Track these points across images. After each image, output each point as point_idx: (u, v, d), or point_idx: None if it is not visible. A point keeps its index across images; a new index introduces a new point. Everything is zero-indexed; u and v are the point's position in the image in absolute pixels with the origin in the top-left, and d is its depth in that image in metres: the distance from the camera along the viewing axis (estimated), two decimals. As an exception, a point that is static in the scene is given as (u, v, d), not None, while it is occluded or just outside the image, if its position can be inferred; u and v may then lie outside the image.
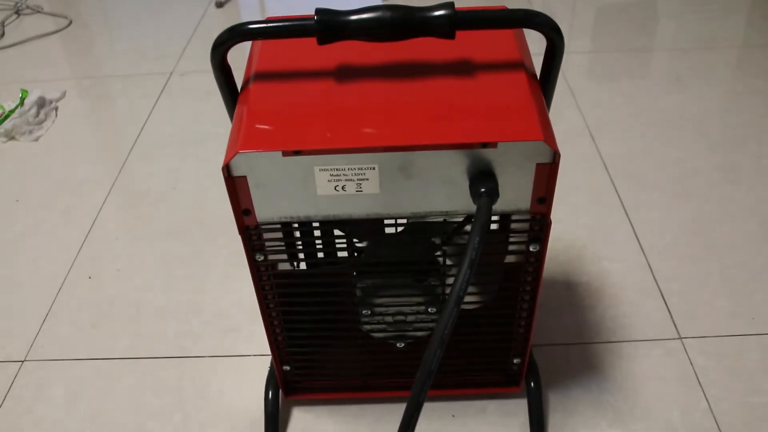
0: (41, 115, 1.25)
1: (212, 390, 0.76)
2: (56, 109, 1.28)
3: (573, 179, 1.02)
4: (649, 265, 0.87)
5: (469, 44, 0.58)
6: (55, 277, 0.91)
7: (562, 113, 1.17)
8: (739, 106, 1.17)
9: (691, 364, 0.75)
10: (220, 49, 0.54)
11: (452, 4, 0.52)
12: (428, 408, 0.72)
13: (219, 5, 1.63)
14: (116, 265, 0.93)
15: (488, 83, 0.54)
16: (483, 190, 0.51)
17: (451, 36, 0.52)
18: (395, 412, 0.72)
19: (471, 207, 0.54)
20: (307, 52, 0.59)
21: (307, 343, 0.67)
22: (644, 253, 0.89)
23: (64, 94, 1.32)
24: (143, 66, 1.40)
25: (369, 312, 0.63)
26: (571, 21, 1.48)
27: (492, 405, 0.72)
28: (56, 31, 1.57)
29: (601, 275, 0.86)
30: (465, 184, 0.52)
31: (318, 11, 0.52)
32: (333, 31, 0.52)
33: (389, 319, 0.64)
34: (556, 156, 0.51)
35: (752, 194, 0.98)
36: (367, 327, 0.65)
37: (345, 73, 0.56)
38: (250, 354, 0.79)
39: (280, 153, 0.50)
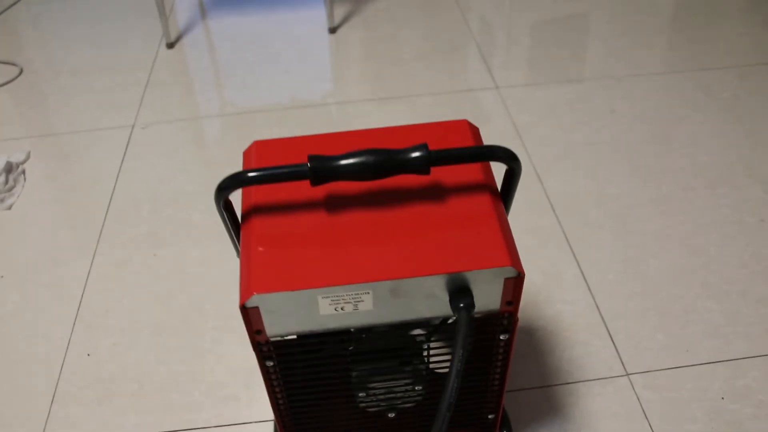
0: (10, 182, 1.28)
1: (221, 460, 0.84)
2: (24, 172, 1.32)
3: (525, 223, 1.12)
4: (596, 304, 0.99)
5: (440, 172, 0.67)
6: (54, 356, 0.97)
7: (509, 151, 1.27)
8: (667, 135, 1.29)
9: (638, 398, 0.87)
10: (224, 193, 0.62)
11: (425, 146, 0.60)
12: (416, 461, 0.82)
13: (170, 46, 1.66)
14: (111, 339, 0.99)
15: (460, 210, 0.63)
16: (462, 305, 0.60)
17: (426, 172, 0.61)
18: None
19: (449, 311, 0.63)
20: (298, 184, 0.67)
21: (312, 422, 0.76)
22: (591, 293, 1.01)
23: (28, 156, 1.36)
24: (103, 119, 1.44)
25: (365, 395, 0.72)
26: (508, 48, 1.58)
27: (471, 452, 0.82)
28: (6, 83, 1.59)
29: (555, 318, 0.97)
30: (445, 297, 0.62)
31: (310, 159, 0.60)
32: (324, 175, 0.60)
33: (381, 397, 0.74)
34: (520, 274, 0.60)
35: (683, 226, 1.11)
36: (363, 405, 0.74)
37: (334, 205, 0.64)
38: (251, 421, 0.88)
39: (289, 292, 0.58)
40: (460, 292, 0.61)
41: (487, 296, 0.62)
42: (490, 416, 0.79)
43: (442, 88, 1.45)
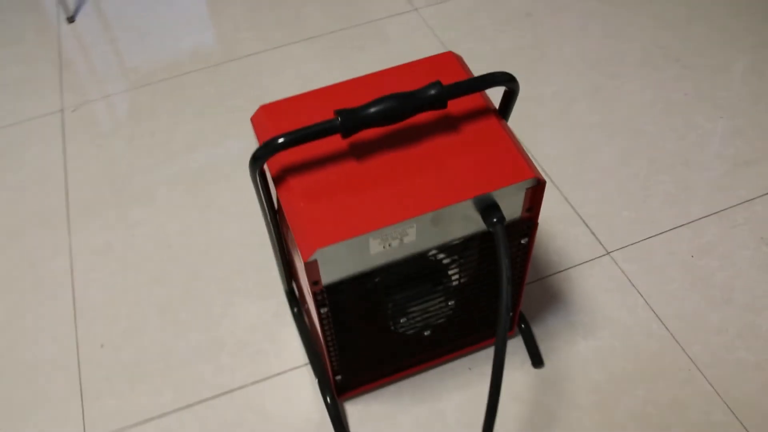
0: (-50, 192, 1.22)
1: (270, 412, 0.89)
2: (-40, 180, 1.25)
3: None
4: (564, 196, 1.08)
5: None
6: (68, 355, 0.97)
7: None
8: (583, 29, 1.38)
9: (622, 272, 0.98)
10: (259, 162, 0.64)
11: (439, 83, 0.65)
12: (449, 368, 0.90)
13: (70, 20, 1.58)
14: (120, 325, 1.00)
15: (475, 135, 0.68)
16: (495, 219, 0.67)
17: (444, 107, 0.66)
18: (423, 380, 0.89)
19: (481, 226, 0.69)
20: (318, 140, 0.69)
21: (356, 356, 0.81)
22: (557, 187, 1.10)
23: (-41, 162, 1.29)
24: (27, 108, 1.37)
25: (405, 319, 0.79)
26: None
27: (493, 350, 0.91)
28: None
29: (533, 217, 1.06)
30: (478, 216, 0.68)
31: (338, 113, 0.63)
32: (354, 126, 0.64)
33: (419, 318, 0.80)
34: (540, 181, 0.67)
35: (620, 112, 1.21)
36: (402, 329, 0.81)
37: (360, 152, 0.68)
38: (285, 370, 0.92)
39: (347, 240, 0.62)
40: (490, 208, 0.67)
41: (511, 207, 0.69)
42: (510, 314, 0.87)
43: (363, 18, 1.47)
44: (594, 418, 0.85)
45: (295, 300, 0.97)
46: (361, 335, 0.79)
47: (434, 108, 0.66)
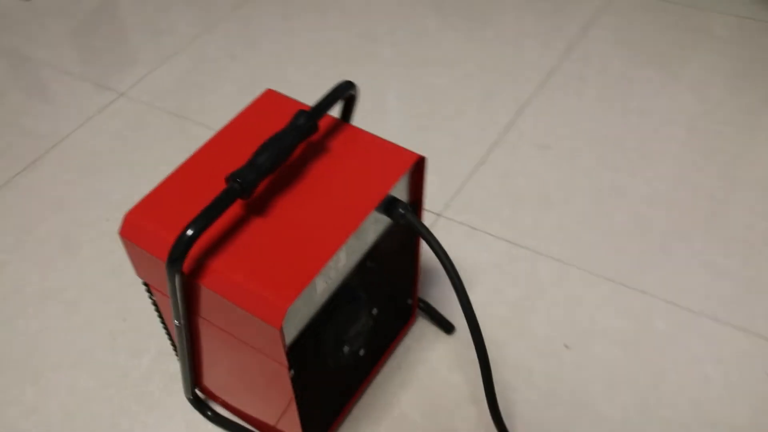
0: None
1: None
2: None
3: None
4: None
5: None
6: None
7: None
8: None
9: (461, 223, 1.08)
10: (178, 264, 0.60)
11: (303, 111, 0.66)
12: (383, 376, 0.91)
13: None
14: None
15: (346, 146, 0.71)
16: (402, 211, 0.70)
17: (316, 129, 0.67)
18: (370, 397, 0.89)
19: (390, 222, 0.72)
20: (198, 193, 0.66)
21: (316, 408, 0.79)
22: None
23: None
24: None
25: (347, 347, 0.79)
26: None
27: (410, 342, 0.95)
28: None
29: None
30: (384, 216, 0.71)
31: (233, 177, 0.61)
32: (254, 183, 0.63)
33: (357, 339, 0.80)
34: (420, 160, 0.72)
35: None
36: (345, 359, 0.80)
37: (255, 208, 0.66)
38: (238, 471, 0.85)
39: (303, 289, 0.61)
40: (392, 204, 0.70)
41: (400, 193, 0.73)
42: (408, 300, 0.92)
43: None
44: (517, 342, 0.94)
45: (202, 403, 0.90)
46: (318, 385, 0.77)
47: (310, 134, 0.67)
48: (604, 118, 1.25)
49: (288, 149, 0.64)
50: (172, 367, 0.94)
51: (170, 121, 1.28)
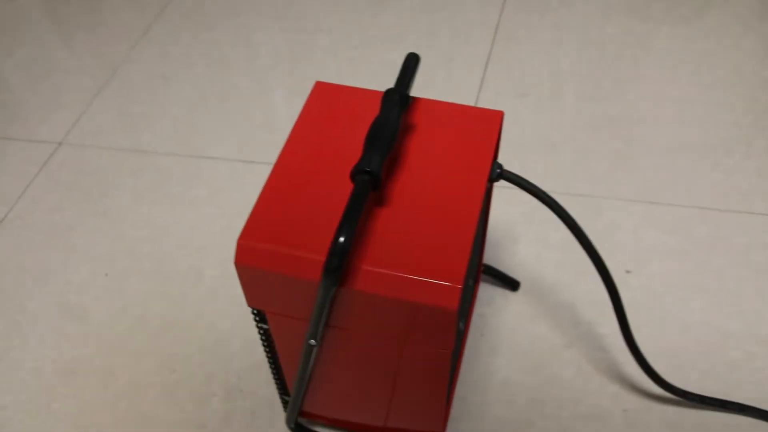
0: None
1: None
2: None
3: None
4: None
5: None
6: None
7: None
8: None
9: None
10: (337, 274, 0.55)
11: (394, 89, 0.62)
12: (468, 354, 0.90)
13: None
14: None
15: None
16: (498, 170, 0.68)
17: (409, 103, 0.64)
18: (467, 373, 0.88)
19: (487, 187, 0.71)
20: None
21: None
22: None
23: None
24: None
25: (461, 323, 0.76)
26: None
27: (482, 309, 0.94)
28: None
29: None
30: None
31: (359, 172, 0.57)
32: (380, 175, 0.59)
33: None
34: (501, 118, 0.70)
35: None
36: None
37: (377, 199, 0.62)
38: None
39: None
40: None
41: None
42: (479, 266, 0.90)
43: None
44: (582, 281, 0.95)
45: (304, 428, 0.84)
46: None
47: (406, 109, 0.63)
48: (565, 56, 1.28)
49: (395, 129, 0.61)
50: (248, 402, 0.87)
51: (127, 157, 1.18)
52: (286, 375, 0.75)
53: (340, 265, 0.55)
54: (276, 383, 0.78)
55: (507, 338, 0.91)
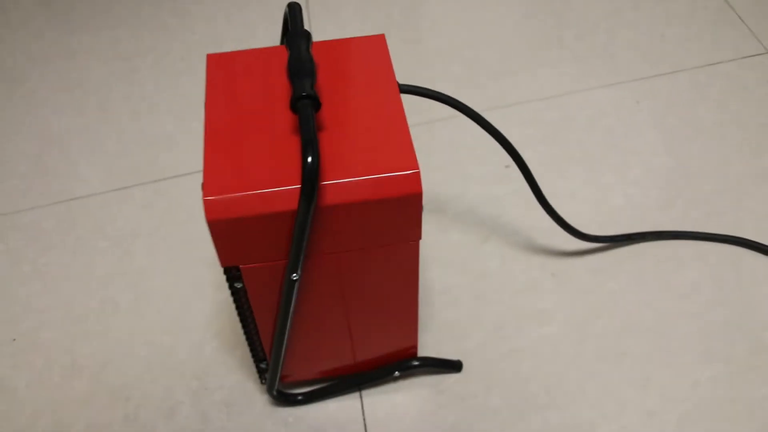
0: None
1: None
2: None
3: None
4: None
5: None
6: None
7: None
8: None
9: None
10: (311, 195, 0.59)
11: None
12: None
13: None
14: None
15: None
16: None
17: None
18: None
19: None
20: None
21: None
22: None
23: None
24: None
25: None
26: None
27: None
28: None
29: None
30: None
31: (300, 98, 0.61)
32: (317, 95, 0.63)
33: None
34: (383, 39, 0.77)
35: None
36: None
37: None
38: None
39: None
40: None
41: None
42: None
43: None
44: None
45: (286, 394, 0.86)
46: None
47: (308, 42, 0.68)
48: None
49: (311, 58, 0.65)
50: (217, 396, 0.87)
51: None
52: (262, 337, 0.76)
53: (314, 185, 0.58)
54: (251, 352, 0.79)
55: (430, 253, 0.98)
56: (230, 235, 0.63)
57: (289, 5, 0.72)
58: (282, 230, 0.63)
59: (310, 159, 0.58)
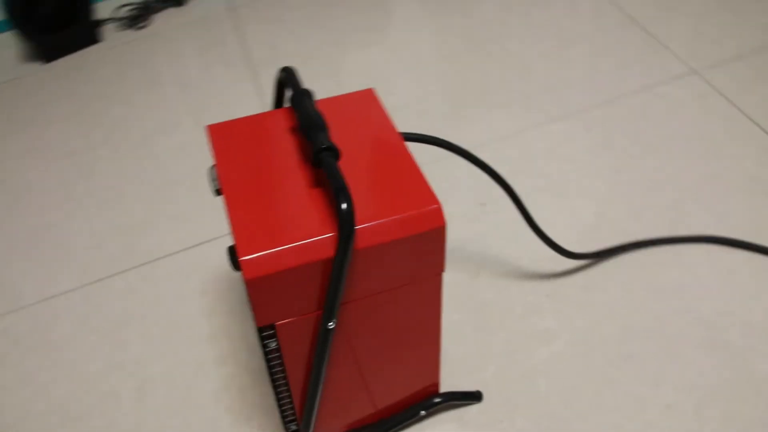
0: None
1: None
2: None
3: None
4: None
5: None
6: None
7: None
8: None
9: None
10: (351, 238, 0.61)
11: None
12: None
13: None
14: None
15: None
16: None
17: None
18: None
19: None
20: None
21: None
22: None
23: None
24: None
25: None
26: None
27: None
28: None
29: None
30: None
31: (320, 150, 0.65)
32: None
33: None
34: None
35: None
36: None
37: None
38: None
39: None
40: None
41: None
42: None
43: None
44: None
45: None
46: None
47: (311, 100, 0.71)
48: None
49: (320, 113, 0.68)
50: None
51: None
52: (294, 396, 0.76)
53: (352, 229, 0.61)
54: (281, 416, 0.79)
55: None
56: (267, 291, 0.64)
57: (284, 69, 0.75)
58: (316, 281, 0.65)
59: (345, 205, 0.61)
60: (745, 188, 1.10)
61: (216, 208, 1.19)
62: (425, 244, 0.66)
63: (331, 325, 0.67)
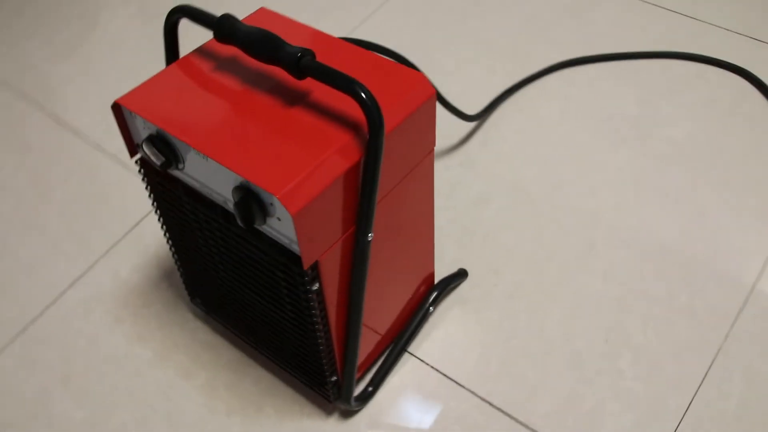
0: None
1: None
2: None
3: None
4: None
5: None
6: None
7: None
8: None
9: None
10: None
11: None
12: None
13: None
14: None
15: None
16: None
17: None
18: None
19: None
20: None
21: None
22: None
23: None
24: None
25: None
26: None
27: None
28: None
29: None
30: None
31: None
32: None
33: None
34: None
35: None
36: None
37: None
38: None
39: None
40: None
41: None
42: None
43: None
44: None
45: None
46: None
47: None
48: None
49: (260, 48, 0.60)
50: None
51: None
52: (335, 337, 0.70)
53: (380, 114, 0.56)
54: (325, 368, 0.72)
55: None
56: (310, 222, 0.58)
57: (177, 10, 0.66)
58: (349, 193, 0.60)
59: (364, 94, 0.56)
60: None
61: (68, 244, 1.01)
62: (422, 118, 0.64)
63: (370, 236, 0.63)
